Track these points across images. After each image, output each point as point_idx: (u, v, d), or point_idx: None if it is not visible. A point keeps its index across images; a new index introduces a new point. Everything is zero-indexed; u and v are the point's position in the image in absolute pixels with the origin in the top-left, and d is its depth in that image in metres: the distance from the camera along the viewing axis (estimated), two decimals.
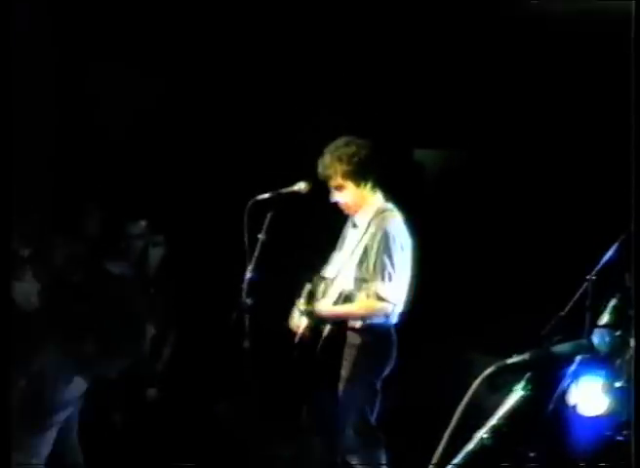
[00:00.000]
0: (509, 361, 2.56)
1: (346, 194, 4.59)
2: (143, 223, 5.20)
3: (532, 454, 4.60)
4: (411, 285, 4.65)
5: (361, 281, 4.52)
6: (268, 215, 4.46)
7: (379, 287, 4.48)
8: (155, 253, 5.13)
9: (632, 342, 4.78)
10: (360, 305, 4.53)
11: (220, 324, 4.76)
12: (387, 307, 4.51)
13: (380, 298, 4.47)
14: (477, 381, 2.51)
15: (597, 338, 2.60)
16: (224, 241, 5.15)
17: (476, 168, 6.61)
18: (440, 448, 2.48)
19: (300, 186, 4.57)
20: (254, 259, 4.42)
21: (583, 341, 2.63)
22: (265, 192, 4.54)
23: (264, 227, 4.46)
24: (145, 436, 5.40)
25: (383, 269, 4.47)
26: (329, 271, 4.72)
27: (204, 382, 5.94)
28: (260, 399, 4.50)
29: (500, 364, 2.54)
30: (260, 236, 4.42)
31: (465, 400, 2.52)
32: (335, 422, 4.61)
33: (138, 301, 4.82)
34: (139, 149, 6.29)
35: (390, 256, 4.47)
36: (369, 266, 4.49)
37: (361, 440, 4.62)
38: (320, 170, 4.60)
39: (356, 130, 4.85)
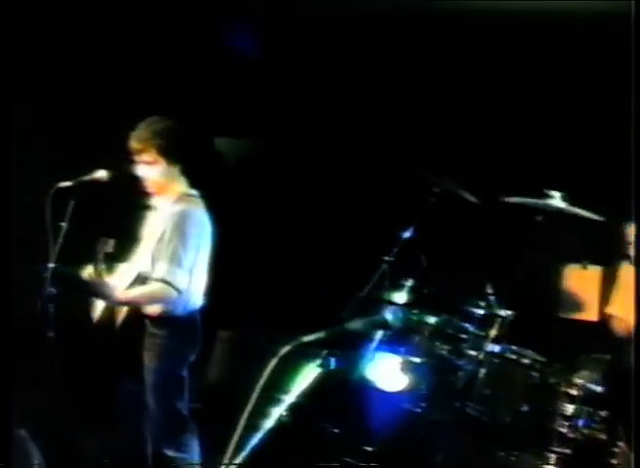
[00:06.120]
0: (305, 339, 2.65)
1: (157, 171, 4.50)
2: None
3: (335, 431, 4.75)
4: (211, 274, 4.58)
5: (155, 264, 4.43)
6: (71, 203, 4.38)
7: (165, 269, 4.30)
8: None
9: (430, 319, 5.05)
10: (145, 289, 4.34)
11: (23, 314, 4.64)
12: (171, 292, 4.31)
13: (164, 282, 4.29)
14: (274, 360, 2.59)
15: (391, 315, 2.73)
16: (24, 230, 5.01)
17: (276, 158, 6.70)
18: (240, 428, 2.56)
19: (101, 174, 4.50)
20: (56, 248, 4.33)
21: (377, 318, 2.76)
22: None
23: (67, 215, 4.38)
24: None
25: (174, 253, 4.31)
26: (131, 258, 4.65)
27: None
28: (64, 390, 4.41)
29: (295, 342, 2.63)
30: (63, 224, 4.33)
31: (263, 379, 2.60)
32: (143, 413, 4.56)
33: None
34: None
35: (185, 242, 4.34)
36: (161, 249, 4.41)
37: (173, 430, 4.57)
38: (134, 142, 4.47)
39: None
